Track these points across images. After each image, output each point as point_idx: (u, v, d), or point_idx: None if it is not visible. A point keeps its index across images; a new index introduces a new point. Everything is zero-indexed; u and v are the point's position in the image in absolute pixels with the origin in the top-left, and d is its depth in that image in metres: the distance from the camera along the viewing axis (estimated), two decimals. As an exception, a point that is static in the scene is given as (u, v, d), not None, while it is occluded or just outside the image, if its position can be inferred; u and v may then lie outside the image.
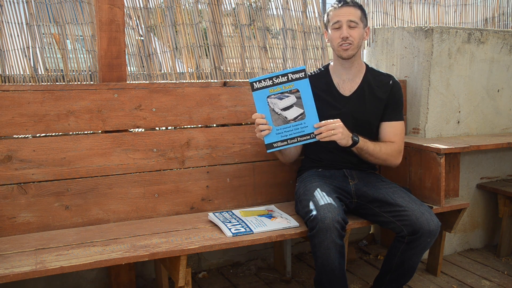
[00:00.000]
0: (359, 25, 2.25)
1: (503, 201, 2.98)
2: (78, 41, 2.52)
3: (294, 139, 2.14)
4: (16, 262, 1.78)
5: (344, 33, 2.23)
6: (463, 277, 2.74)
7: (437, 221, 2.09)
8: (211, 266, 2.79)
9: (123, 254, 1.86)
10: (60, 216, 2.16)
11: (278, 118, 2.11)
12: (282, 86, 2.09)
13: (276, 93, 2.09)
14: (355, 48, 2.27)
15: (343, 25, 2.23)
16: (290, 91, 2.09)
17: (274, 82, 2.08)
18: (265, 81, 2.08)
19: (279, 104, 2.10)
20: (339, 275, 1.99)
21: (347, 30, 2.23)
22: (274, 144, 2.13)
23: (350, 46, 2.25)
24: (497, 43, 3.01)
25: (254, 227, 2.11)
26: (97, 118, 2.21)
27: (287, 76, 2.09)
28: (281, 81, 2.08)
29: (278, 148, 2.15)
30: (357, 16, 2.25)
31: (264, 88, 2.08)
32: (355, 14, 2.24)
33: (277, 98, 2.10)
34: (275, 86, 2.08)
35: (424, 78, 2.82)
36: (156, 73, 2.67)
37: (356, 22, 2.24)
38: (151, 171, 2.32)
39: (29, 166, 2.10)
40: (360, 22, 2.26)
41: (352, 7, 2.25)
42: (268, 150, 2.15)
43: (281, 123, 2.11)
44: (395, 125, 2.37)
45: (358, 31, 2.25)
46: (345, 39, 2.23)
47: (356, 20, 2.24)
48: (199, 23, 2.79)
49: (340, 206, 2.05)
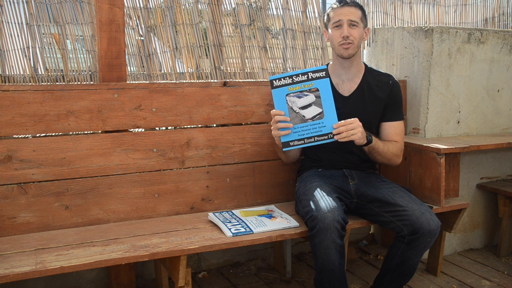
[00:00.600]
0: (360, 25, 2.26)
1: (503, 201, 2.98)
2: (78, 41, 2.52)
3: (311, 139, 2.11)
4: (16, 262, 1.78)
5: (345, 32, 2.23)
6: (463, 277, 2.74)
7: (437, 221, 2.09)
8: (211, 266, 2.79)
9: (123, 254, 1.86)
10: (60, 216, 2.16)
11: (296, 116, 2.10)
12: (302, 85, 2.07)
13: (295, 91, 2.08)
14: (355, 48, 2.27)
15: (344, 24, 2.23)
16: (309, 90, 2.08)
17: (294, 80, 2.07)
18: (285, 79, 2.07)
19: (297, 103, 2.09)
20: (339, 275, 1.99)
21: (347, 29, 2.23)
22: (290, 142, 2.12)
23: (351, 45, 2.25)
24: (497, 43, 3.01)
25: (254, 227, 2.11)
26: (97, 118, 2.21)
27: (308, 74, 2.07)
28: (301, 80, 2.07)
29: (294, 147, 2.13)
30: (358, 16, 2.26)
31: (284, 86, 2.08)
32: (356, 14, 2.25)
33: (296, 96, 2.08)
34: (294, 84, 2.07)
35: (424, 78, 2.82)
36: (156, 73, 2.67)
37: (357, 22, 2.24)
38: (151, 171, 2.32)
39: (29, 166, 2.10)
40: (361, 22, 2.27)
41: (353, 7, 2.26)
42: (284, 149, 2.14)
43: (299, 122, 2.10)
44: (396, 125, 2.37)
45: (358, 31, 2.26)
46: (346, 38, 2.24)
47: (356, 20, 2.24)
48: (199, 23, 2.79)
49: (340, 206, 2.05)
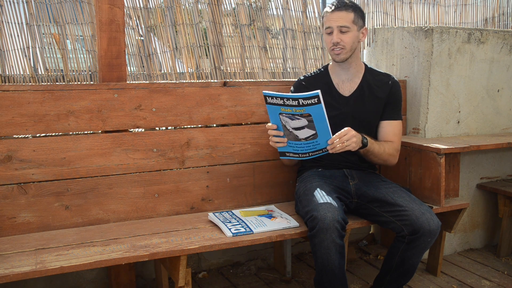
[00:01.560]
0: (351, 29, 2.22)
1: (503, 201, 2.98)
2: (78, 41, 2.52)
3: (305, 154, 2.12)
4: (16, 262, 1.78)
5: (334, 38, 2.23)
6: (463, 277, 2.74)
7: (437, 221, 2.09)
8: (211, 266, 2.79)
9: (123, 254, 1.86)
10: (60, 216, 2.16)
11: (289, 134, 2.06)
12: (293, 109, 1.96)
13: (288, 113, 1.99)
14: (347, 52, 2.26)
15: (334, 30, 2.23)
16: (301, 115, 1.97)
17: (285, 103, 1.95)
18: (276, 99, 1.96)
19: (290, 123, 2.03)
20: (339, 275, 1.99)
21: (337, 35, 2.22)
22: (286, 153, 2.14)
23: (342, 50, 2.25)
24: (497, 43, 3.01)
25: (254, 227, 2.11)
26: (97, 118, 2.21)
27: (298, 101, 1.93)
28: (291, 104, 1.95)
29: (290, 158, 2.16)
30: (349, 20, 2.21)
31: (276, 105, 1.98)
32: (346, 18, 2.21)
33: (289, 117, 2.01)
34: (286, 107, 1.96)
35: (424, 78, 2.82)
36: (156, 73, 2.67)
37: (347, 27, 2.21)
38: (151, 171, 2.32)
39: (29, 166, 2.10)
40: (353, 25, 2.22)
41: (344, 11, 2.22)
42: (281, 157, 2.18)
43: (293, 139, 2.07)
44: (394, 124, 2.37)
45: (349, 35, 2.23)
46: (336, 44, 2.24)
47: (347, 24, 2.21)
48: (199, 23, 2.79)
49: (340, 206, 2.05)
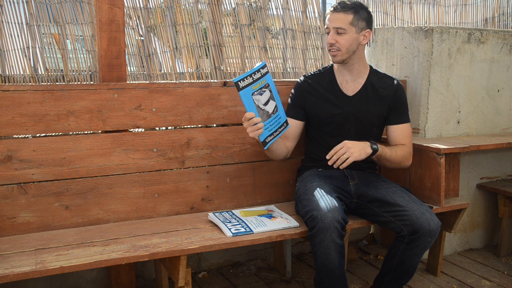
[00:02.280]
0: (348, 31, 2.22)
1: (503, 201, 2.98)
2: (78, 41, 2.52)
3: (277, 131, 2.17)
4: (16, 262, 1.78)
5: (329, 39, 2.25)
6: (463, 277, 2.74)
7: (437, 221, 2.09)
8: (211, 266, 2.79)
9: (123, 254, 1.86)
10: (60, 216, 2.16)
11: (263, 114, 2.10)
12: (260, 82, 2.08)
13: (257, 89, 2.08)
14: (343, 54, 2.26)
15: (330, 31, 2.25)
16: (265, 86, 2.10)
17: (253, 78, 2.05)
18: (247, 79, 2.03)
19: (261, 100, 2.10)
20: (339, 274, 1.99)
21: (333, 36, 2.23)
22: (266, 139, 2.12)
23: (338, 52, 2.25)
24: (497, 43, 3.01)
25: (254, 227, 2.11)
26: (97, 118, 2.21)
27: (260, 71, 2.08)
28: (257, 77, 2.06)
29: (270, 143, 2.14)
30: (345, 22, 2.21)
31: (248, 85, 2.03)
32: (344, 20, 2.21)
33: (259, 94, 2.09)
34: (255, 83, 2.06)
35: (424, 78, 2.82)
36: (156, 73, 2.67)
37: (343, 29, 2.21)
38: (151, 171, 2.32)
39: (29, 166, 2.10)
40: (350, 27, 2.21)
41: (342, 13, 2.21)
42: (265, 147, 2.13)
43: (266, 118, 2.11)
44: (403, 127, 2.37)
45: (345, 37, 2.22)
46: (331, 45, 2.25)
47: (342, 26, 2.21)
48: (199, 23, 2.79)
49: (340, 206, 2.05)
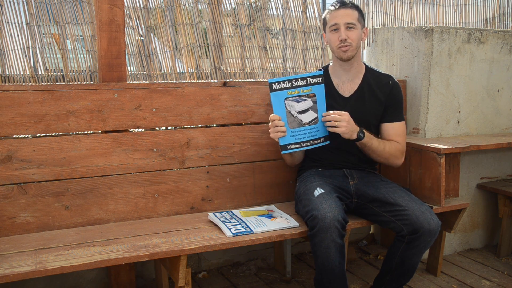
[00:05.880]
0: (357, 26, 2.25)
1: (503, 201, 2.98)
2: (78, 41, 2.52)
3: (307, 142, 2.16)
4: (16, 262, 1.78)
5: (342, 35, 2.23)
6: (463, 277, 2.74)
7: (437, 221, 2.09)
8: (211, 266, 2.79)
9: (123, 254, 1.86)
10: (60, 216, 2.16)
11: (293, 120, 2.12)
12: (301, 90, 2.10)
13: (294, 96, 2.10)
14: (354, 50, 2.27)
15: (340, 27, 2.23)
16: (307, 95, 2.11)
17: (293, 84, 2.09)
18: (284, 83, 2.08)
19: (296, 107, 2.11)
20: (339, 274, 1.99)
21: (345, 32, 2.23)
22: (288, 146, 2.15)
23: (349, 47, 2.25)
24: (497, 43, 3.01)
25: (254, 227, 2.11)
26: (97, 118, 2.21)
27: (307, 80, 2.11)
28: (300, 84, 2.09)
29: (292, 150, 2.17)
30: (355, 18, 2.24)
31: (283, 89, 2.09)
32: (353, 15, 2.24)
33: (295, 100, 2.11)
34: (293, 89, 2.09)
35: (424, 78, 2.82)
36: (156, 73, 2.67)
37: (354, 24, 2.23)
38: (151, 171, 2.32)
39: (29, 166, 2.10)
40: (358, 23, 2.25)
41: (349, 8, 2.25)
42: (283, 151, 2.17)
43: (296, 126, 2.13)
44: (396, 125, 2.37)
45: (356, 33, 2.25)
46: (344, 41, 2.23)
47: (353, 21, 2.23)
48: (199, 23, 2.79)
49: (340, 206, 2.05)
